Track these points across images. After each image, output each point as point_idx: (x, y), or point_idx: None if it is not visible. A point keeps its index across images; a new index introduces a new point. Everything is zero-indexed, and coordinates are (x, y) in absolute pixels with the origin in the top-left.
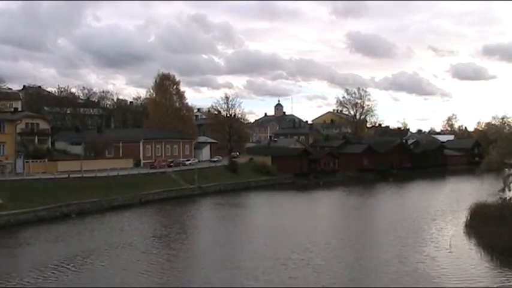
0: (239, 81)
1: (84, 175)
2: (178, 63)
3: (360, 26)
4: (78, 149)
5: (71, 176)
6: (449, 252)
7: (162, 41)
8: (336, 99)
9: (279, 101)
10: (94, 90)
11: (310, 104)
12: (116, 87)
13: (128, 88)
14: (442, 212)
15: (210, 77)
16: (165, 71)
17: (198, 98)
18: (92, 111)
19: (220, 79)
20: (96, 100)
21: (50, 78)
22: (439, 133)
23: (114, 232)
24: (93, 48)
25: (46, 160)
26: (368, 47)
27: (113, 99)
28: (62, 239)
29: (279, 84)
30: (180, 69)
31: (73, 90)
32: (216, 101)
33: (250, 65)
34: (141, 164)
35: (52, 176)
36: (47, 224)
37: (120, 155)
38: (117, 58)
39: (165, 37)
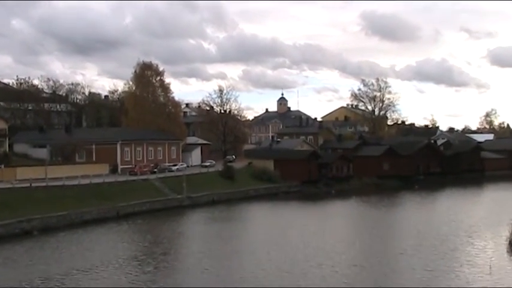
0: (234, 71)
1: (50, 184)
2: (160, 49)
3: (377, 5)
4: (42, 153)
5: (34, 185)
6: (490, 275)
7: (141, 23)
8: (350, 92)
9: (282, 94)
10: (61, 82)
11: (319, 97)
12: (86, 79)
13: (101, 79)
14: (480, 227)
15: (199, 66)
16: (146, 59)
17: (186, 91)
18: (58, 107)
19: (211, 68)
20: (63, 94)
21: (5, 67)
22: (474, 132)
23: (82, 253)
24: (56, 32)
25: (2, 166)
26: (386, 30)
27: (84, 93)
28: (13, 261)
29: (281, 74)
30: (163, 57)
31: (35, 82)
32: (207, 95)
33: (247, 52)
34: (119, 170)
35: (10, 186)
36: (1, 243)
37: (93, 159)
38: (86, 44)
39: (144, 19)
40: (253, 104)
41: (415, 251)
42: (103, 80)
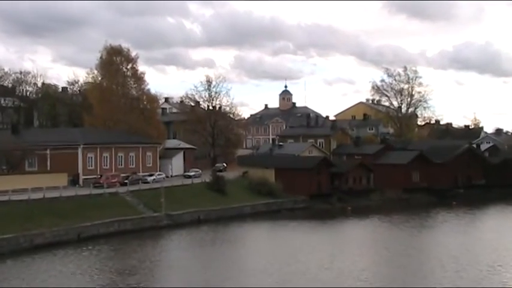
0: (224, 58)
1: None
2: (131, 30)
3: None
4: None
5: None
6: None
7: None
8: (370, 84)
9: (285, 86)
10: (6, 70)
11: (330, 90)
12: (38, 66)
13: (56, 67)
14: None
15: (181, 51)
16: (114, 43)
17: (165, 82)
18: (3, 101)
19: (196, 54)
20: (9, 85)
21: None
22: None
23: None
24: None
25: None
26: (415, 6)
27: (35, 84)
28: None
29: (283, 61)
30: (135, 40)
31: None
32: (192, 87)
33: (239, 34)
34: (80, 182)
35: None
36: None
37: (48, 168)
38: (37, 22)
39: None
40: (249, 99)
41: (454, 285)
42: (59, 67)
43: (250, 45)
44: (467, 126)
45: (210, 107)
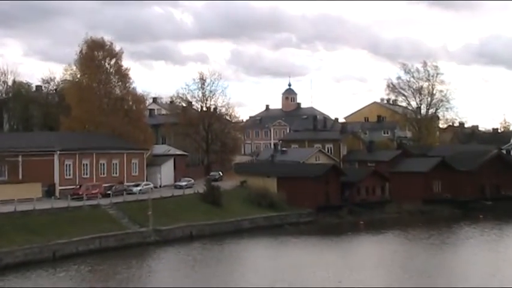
0: (219, 52)
1: None
2: (114, 21)
3: None
4: None
5: None
6: None
7: None
8: (385, 82)
9: (289, 85)
10: None
11: (339, 88)
12: (7, 61)
13: (29, 62)
14: None
15: (170, 44)
16: (95, 35)
17: (153, 79)
18: None
19: (187, 48)
20: None
21: None
22: None
23: None
24: None
25: None
26: None
27: (5, 82)
28: None
29: (286, 56)
30: (118, 32)
31: None
32: (184, 86)
33: (236, 25)
34: (57, 193)
35: None
36: None
37: (20, 176)
38: (5, 11)
39: None
40: (248, 99)
41: None
42: (32, 63)
43: (249, 38)
44: (495, 130)
45: (204, 108)
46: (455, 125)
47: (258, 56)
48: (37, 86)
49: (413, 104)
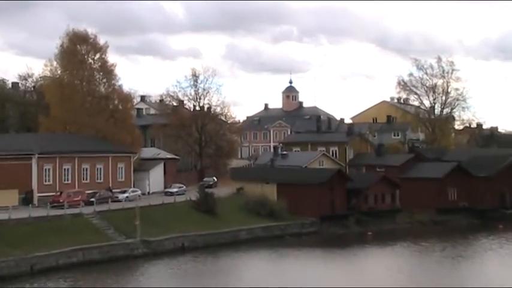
0: (213, 46)
1: None
2: (98, 12)
3: None
4: None
5: None
6: None
7: None
8: (395, 79)
9: (290, 82)
10: None
11: (345, 86)
12: None
13: (4, 57)
14: None
15: (159, 37)
16: (78, 27)
17: (141, 76)
18: None
19: (178, 41)
20: None
21: None
22: None
23: None
24: None
25: None
26: None
27: None
28: None
29: (286, 50)
30: (103, 24)
31: None
32: (175, 83)
33: (231, 17)
34: (35, 200)
35: None
36: None
37: None
38: None
39: None
40: (245, 97)
41: None
42: (8, 57)
43: (245, 31)
44: None
45: (197, 108)
46: (472, 126)
47: (256, 51)
48: (13, 83)
49: (427, 103)
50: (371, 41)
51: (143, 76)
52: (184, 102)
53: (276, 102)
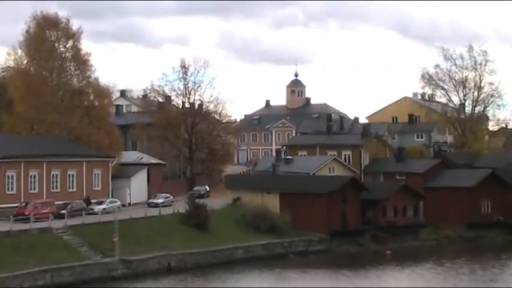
0: (204, 32)
1: None
2: None
3: None
4: None
5: None
6: None
7: None
8: (419, 72)
9: (295, 75)
10: None
11: (360, 79)
12: None
13: None
14: None
15: (140, 21)
16: (47, 10)
17: (120, 67)
18: None
19: (163, 26)
20: None
21: None
22: None
23: None
24: None
25: None
26: None
27: None
28: None
29: (291, 37)
30: (75, 6)
31: None
32: (161, 76)
33: None
34: None
35: None
36: None
37: None
38: None
39: None
40: (242, 93)
41: None
42: None
43: (243, 14)
44: None
45: (187, 104)
46: (509, 127)
47: (255, 38)
48: None
49: (456, 100)
50: (390, 27)
51: (123, 67)
52: (172, 98)
53: (279, 99)
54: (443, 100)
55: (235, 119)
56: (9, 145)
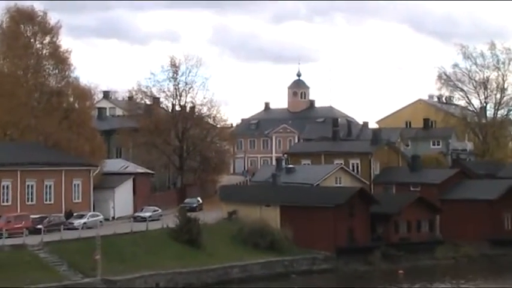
0: (196, 27)
1: None
2: None
3: None
4: None
5: None
6: None
7: None
8: (435, 72)
9: (298, 75)
10: None
11: (370, 80)
12: None
13: None
14: None
15: (125, 15)
16: (21, 2)
17: (103, 66)
18: None
19: (150, 21)
20: None
21: None
22: None
23: None
24: None
25: None
26: None
27: None
28: None
29: (292, 33)
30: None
31: None
32: (148, 76)
33: None
34: None
35: None
36: None
37: None
38: None
39: None
40: (239, 94)
41: None
42: None
43: (239, 8)
44: None
45: (177, 107)
46: None
47: (253, 34)
48: None
49: (476, 102)
50: (402, 21)
51: (106, 66)
52: (161, 100)
53: (280, 101)
54: (462, 103)
55: (231, 124)
56: None
